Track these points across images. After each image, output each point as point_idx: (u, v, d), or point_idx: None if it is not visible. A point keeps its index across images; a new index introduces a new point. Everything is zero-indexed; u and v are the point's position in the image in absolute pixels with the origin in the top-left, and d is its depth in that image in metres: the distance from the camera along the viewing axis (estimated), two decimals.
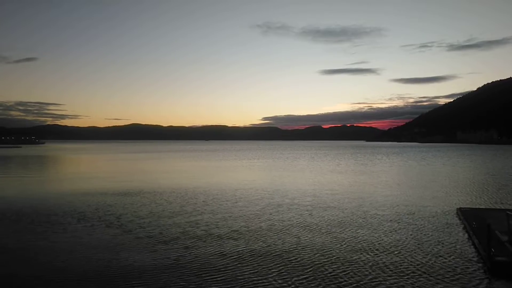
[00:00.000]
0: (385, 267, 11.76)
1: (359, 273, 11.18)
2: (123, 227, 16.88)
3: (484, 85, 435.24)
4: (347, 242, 14.61)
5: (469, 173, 45.77)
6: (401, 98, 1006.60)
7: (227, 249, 13.46)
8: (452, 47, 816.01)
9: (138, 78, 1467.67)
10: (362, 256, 12.84)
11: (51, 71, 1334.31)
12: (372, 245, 14.10)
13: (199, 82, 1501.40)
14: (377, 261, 12.32)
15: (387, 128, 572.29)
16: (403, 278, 10.85)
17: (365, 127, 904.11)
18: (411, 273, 11.21)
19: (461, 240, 14.83)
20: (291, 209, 21.45)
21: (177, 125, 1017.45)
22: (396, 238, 15.20)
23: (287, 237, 15.20)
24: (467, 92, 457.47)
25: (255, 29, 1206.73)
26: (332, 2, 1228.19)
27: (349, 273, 11.19)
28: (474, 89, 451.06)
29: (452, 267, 11.68)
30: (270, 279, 10.72)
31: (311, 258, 12.65)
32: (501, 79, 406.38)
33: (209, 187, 30.95)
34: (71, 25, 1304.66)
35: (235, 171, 48.74)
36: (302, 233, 15.96)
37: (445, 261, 12.25)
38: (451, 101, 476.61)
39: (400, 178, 40.09)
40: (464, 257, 12.69)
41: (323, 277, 10.88)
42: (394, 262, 12.23)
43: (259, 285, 10.33)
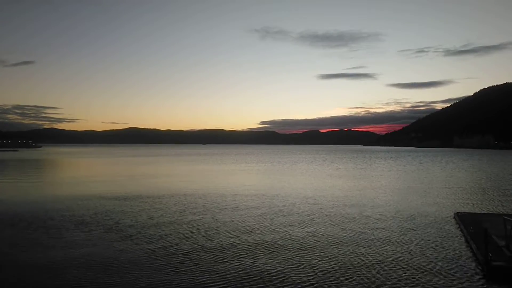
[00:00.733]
0: (383, 271, 11.76)
1: (357, 278, 11.18)
2: (122, 233, 16.66)
3: (480, 90, 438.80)
4: (346, 246, 14.59)
5: (467, 178, 45.92)
6: (398, 102, 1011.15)
7: (228, 255, 13.27)
8: (448, 52, 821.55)
9: (135, 82, 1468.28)
10: (359, 260, 12.83)
11: (48, 75, 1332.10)
12: (370, 250, 14.10)
13: (197, 86, 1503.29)
14: (374, 265, 12.32)
15: (384, 132, 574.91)
16: (400, 283, 10.86)
17: (362, 131, 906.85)
18: (409, 278, 11.21)
19: (458, 244, 14.86)
20: (292, 214, 21.28)
21: (174, 129, 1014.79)
22: (393, 243, 15.20)
23: (289, 243, 15.01)
24: (463, 97, 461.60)
25: (253, 34, 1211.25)
26: (329, 7, 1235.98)
27: (348, 277, 11.19)
28: (470, 94, 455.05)
29: (449, 272, 11.70)
30: (274, 285, 10.64)
31: (314, 264, 12.57)
32: (498, 84, 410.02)
33: (208, 192, 30.80)
34: (69, 29, 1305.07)
35: (234, 176, 48.68)
36: (304, 239, 15.80)
37: (442, 266, 12.27)
38: (448, 106, 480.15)
39: (399, 182, 40.15)
40: (461, 262, 12.71)
41: (325, 281, 10.89)
42: (391, 267, 12.24)
43: None
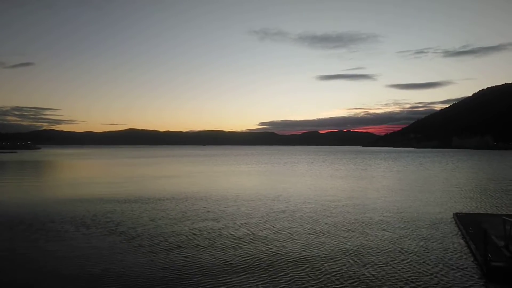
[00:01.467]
0: (382, 271, 11.75)
1: (357, 278, 11.18)
2: (123, 235, 16.42)
3: (479, 91, 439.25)
4: (347, 248, 14.59)
5: (466, 178, 45.95)
6: (397, 103, 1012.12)
7: (231, 258, 13.09)
8: (447, 53, 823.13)
9: (135, 83, 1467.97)
10: (360, 261, 12.83)
11: (48, 77, 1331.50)
12: (370, 251, 14.10)
13: (196, 87, 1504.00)
14: (374, 266, 12.32)
15: (384, 133, 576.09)
16: (400, 283, 10.85)
17: (361, 132, 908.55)
18: (408, 278, 11.20)
19: (457, 245, 14.86)
20: (295, 215, 21.13)
21: (174, 130, 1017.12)
22: (393, 243, 15.20)
23: (292, 245, 14.80)
24: (462, 98, 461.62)
25: (252, 35, 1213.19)
26: (328, 8, 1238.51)
27: (348, 278, 11.18)
28: (469, 95, 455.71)
29: (448, 272, 11.69)
30: None
31: (317, 266, 12.52)
32: (496, 85, 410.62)
33: (209, 194, 30.59)
34: (67, 31, 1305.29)
35: (235, 177, 48.61)
36: (307, 240, 15.66)
37: (441, 266, 12.26)
38: (447, 106, 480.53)
39: (399, 183, 40.16)
40: (460, 262, 12.71)
41: (327, 281, 10.90)
42: (390, 267, 12.23)
43: None
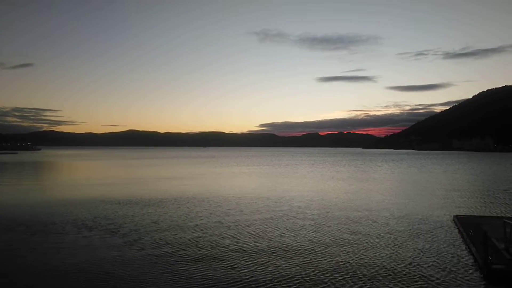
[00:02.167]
0: (383, 273, 11.78)
1: (358, 279, 11.21)
2: (125, 238, 16.25)
3: (479, 93, 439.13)
4: (348, 249, 14.64)
5: (466, 180, 45.96)
6: (397, 105, 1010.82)
7: (235, 262, 12.91)
8: (447, 55, 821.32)
9: (135, 84, 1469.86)
10: (361, 262, 12.86)
11: (48, 77, 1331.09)
12: (371, 252, 14.14)
13: (196, 89, 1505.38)
14: (375, 267, 12.35)
15: (384, 135, 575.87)
16: (400, 284, 10.88)
17: (361, 134, 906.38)
18: (409, 281, 11.23)
19: (458, 247, 14.89)
20: (298, 218, 21.04)
21: (174, 132, 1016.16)
22: (394, 245, 15.24)
23: (298, 248, 14.70)
24: (462, 100, 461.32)
25: (252, 37, 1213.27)
26: (329, 10, 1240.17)
27: (348, 279, 11.22)
28: (469, 97, 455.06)
29: (449, 275, 11.71)
30: None
31: (322, 268, 12.53)
32: (496, 87, 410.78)
33: (212, 195, 30.53)
34: (68, 32, 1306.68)
35: (237, 178, 48.62)
36: (311, 243, 15.59)
37: (442, 269, 12.29)
38: (447, 109, 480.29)
39: (401, 185, 40.19)
40: (461, 264, 12.73)
41: (332, 284, 10.93)
42: (391, 269, 12.26)
43: None
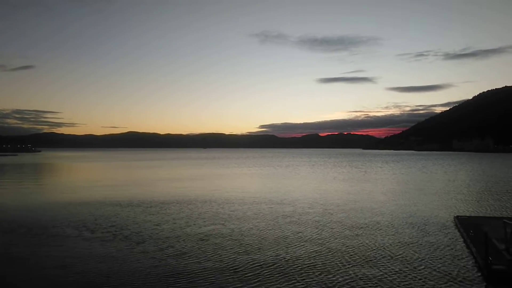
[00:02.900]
0: (383, 274, 11.79)
1: (358, 280, 11.23)
2: (127, 240, 16.11)
3: (479, 93, 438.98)
4: (351, 252, 14.64)
5: (467, 181, 45.93)
6: (397, 106, 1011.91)
7: (240, 265, 12.74)
8: (448, 56, 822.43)
9: (135, 86, 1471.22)
10: (361, 263, 12.88)
11: (48, 79, 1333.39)
12: (372, 253, 14.16)
13: (196, 90, 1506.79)
14: (375, 268, 12.36)
15: (384, 136, 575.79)
16: (401, 285, 10.89)
17: (362, 135, 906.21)
18: (409, 281, 11.25)
19: (458, 248, 14.90)
20: (302, 219, 20.88)
21: (174, 133, 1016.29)
22: (394, 246, 15.25)
23: (301, 251, 14.50)
24: (463, 100, 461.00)
25: (253, 38, 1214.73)
26: (329, 11, 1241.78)
27: (350, 280, 11.24)
28: (470, 97, 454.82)
29: (449, 275, 11.72)
30: None
31: (326, 271, 12.52)
32: (497, 88, 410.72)
33: (214, 197, 30.39)
34: (68, 34, 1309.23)
35: (239, 180, 48.61)
36: (315, 245, 15.49)
37: (442, 269, 12.30)
38: (447, 109, 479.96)
39: (402, 186, 40.17)
40: (461, 265, 12.74)
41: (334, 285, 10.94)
42: (391, 269, 12.28)
43: None
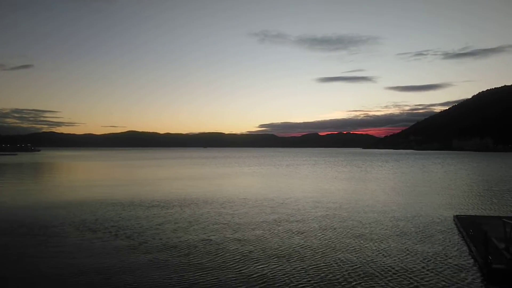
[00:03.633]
0: (383, 273, 11.83)
1: (359, 280, 11.26)
2: (129, 241, 15.92)
3: (479, 93, 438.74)
4: (353, 252, 14.67)
5: (466, 180, 45.96)
6: (397, 105, 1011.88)
7: (245, 267, 12.51)
8: (447, 55, 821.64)
9: (134, 85, 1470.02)
10: (363, 263, 12.92)
11: (48, 79, 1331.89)
12: (373, 254, 14.19)
13: (196, 89, 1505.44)
14: (376, 268, 12.40)
15: (383, 135, 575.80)
16: (401, 285, 10.92)
17: (361, 134, 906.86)
18: (408, 280, 11.28)
19: (458, 247, 14.93)
20: (305, 220, 20.70)
21: (174, 133, 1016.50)
22: (393, 245, 15.29)
23: (307, 253, 14.36)
24: (462, 100, 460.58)
25: (252, 37, 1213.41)
26: (328, 10, 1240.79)
27: (351, 281, 11.28)
28: (469, 97, 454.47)
29: (449, 275, 11.76)
30: None
31: (330, 272, 12.60)
32: (496, 87, 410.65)
33: (216, 196, 30.23)
34: (67, 34, 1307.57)
35: (240, 179, 48.56)
36: (321, 247, 15.43)
37: (442, 269, 12.33)
38: (447, 108, 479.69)
39: (404, 185, 40.17)
40: (461, 264, 12.77)
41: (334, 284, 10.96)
42: (391, 269, 12.31)
43: None
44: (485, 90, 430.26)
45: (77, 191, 34.09)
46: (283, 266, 12.69)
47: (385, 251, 14.50)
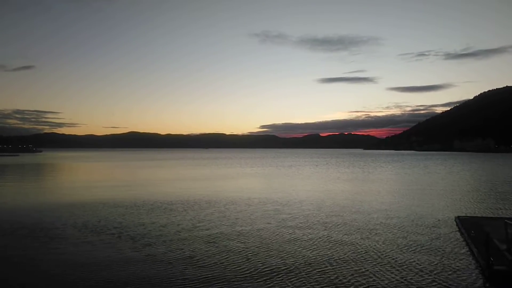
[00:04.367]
0: (384, 275, 11.88)
1: (359, 281, 11.33)
2: (132, 243, 15.78)
3: (480, 93, 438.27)
4: (355, 252, 14.72)
5: (468, 181, 45.91)
6: (398, 106, 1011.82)
7: (249, 269, 12.41)
8: (449, 56, 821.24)
9: (136, 86, 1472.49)
10: (364, 263, 12.98)
11: (49, 79, 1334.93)
12: (373, 254, 14.25)
13: (197, 90, 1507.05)
14: (377, 269, 12.45)
15: (385, 136, 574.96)
16: (402, 285, 10.97)
17: (362, 135, 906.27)
18: (410, 282, 11.33)
19: (459, 248, 14.96)
20: (310, 221, 20.67)
21: (175, 133, 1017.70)
22: (395, 246, 15.34)
23: (311, 255, 14.23)
24: (464, 100, 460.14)
25: (253, 38, 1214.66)
26: (329, 11, 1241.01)
27: (353, 281, 11.34)
28: (470, 97, 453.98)
29: (450, 276, 11.80)
30: None
31: (334, 275, 12.66)
32: (498, 87, 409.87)
33: (220, 197, 30.20)
34: (69, 35, 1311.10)
35: (243, 180, 48.60)
36: (325, 249, 15.40)
37: (443, 270, 12.37)
38: (448, 109, 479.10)
39: (408, 186, 40.19)
40: (462, 265, 12.81)
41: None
42: (393, 270, 12.36)
43: None
44: (486, 90, 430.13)
45: (79, 192, 34.11)
46: (289, 269, 12.59)
47: (387, 251, 14.53)
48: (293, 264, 13.12)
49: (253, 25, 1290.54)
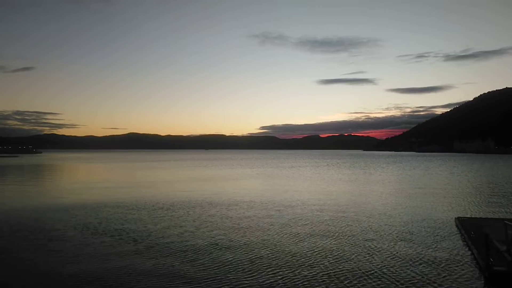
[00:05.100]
0: (385, 276, 11.95)
1: (360, 278, 11.40)
2: (134, 245, 15.69)
3: (480, 95, 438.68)
4: (356, 252, 14.81)
5: (467, 182, 45.91)
6: (398, 107, 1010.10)
7: (253, 272, 12.33)
8: (448, 57, 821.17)
9: (136, 87, 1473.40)
10: (364, 264, 13.05)
11: (49, 81, 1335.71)
12: (374, 255, 14.33)
13: (197, 91, 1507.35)
14: (377, 269, 12.53)
15: (385, 137, 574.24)
16: (402, 286, 11.05)
17: (362, 136, 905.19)
18: (410, 282, 11.40)
19: (459, 249, 15.02)
20: (314, 222, 20.66)
21: (175, 134, 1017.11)
22: (395, 247, 15.40)
23: (316, 257, 14.18)
24: (463, 102, 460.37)
25: (252, 39, 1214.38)
26: (329, 12, 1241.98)
27: (351, 280, 11.41)
28: (470, 99, 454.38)
29: (450, 277, 11.87)
30: None
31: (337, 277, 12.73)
32: (497, 89, 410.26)
33: (222, 199, 30.10)
34: (68, 35, 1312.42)
35: (244, 181, 48.61)
36: (329, 251, 15.51)
37: (443, 271, 12.44)
38: (448, 111, 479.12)
39: (409, 187, 40.20)
40: (462, 266, 12.88)
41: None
42: (393, 271, 12.44)
43: None
44: (486, 92, 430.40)
45: (80, 193, 34.10)
46: (292, 271, 12.56)
47: (388, 252, 14.60)
48: (297, 267, 13.08)
49: (253, 27, 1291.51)
